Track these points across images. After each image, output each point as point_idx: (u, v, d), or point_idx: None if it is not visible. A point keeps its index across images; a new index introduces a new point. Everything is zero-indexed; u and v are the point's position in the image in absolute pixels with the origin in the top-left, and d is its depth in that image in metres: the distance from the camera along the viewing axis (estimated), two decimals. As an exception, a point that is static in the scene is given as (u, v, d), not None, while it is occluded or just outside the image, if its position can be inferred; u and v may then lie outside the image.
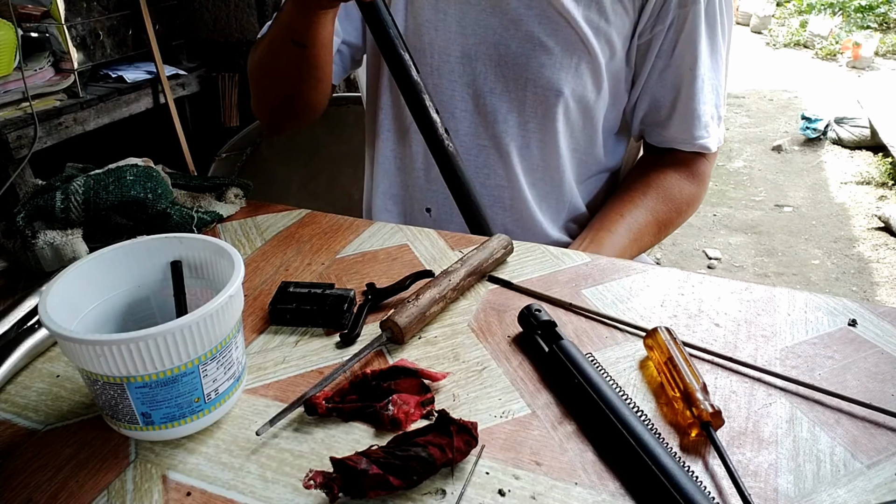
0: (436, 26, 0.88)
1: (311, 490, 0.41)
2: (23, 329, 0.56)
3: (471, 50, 0.87)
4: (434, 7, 0.87)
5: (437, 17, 0.87)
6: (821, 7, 6.73)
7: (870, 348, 0.54)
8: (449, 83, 0.90)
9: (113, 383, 0.43)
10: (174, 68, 2.17)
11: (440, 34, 0.88)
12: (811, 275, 2.65)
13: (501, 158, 0.91)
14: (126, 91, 1.98)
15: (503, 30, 0.85)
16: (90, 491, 0.43)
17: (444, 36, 0.88)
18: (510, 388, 0.51)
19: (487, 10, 0.85)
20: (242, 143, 1.38)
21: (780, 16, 6.99)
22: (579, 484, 0.43)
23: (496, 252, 0.65)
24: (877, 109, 3.84)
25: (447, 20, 0.87)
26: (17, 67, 1.69)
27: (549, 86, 0.86)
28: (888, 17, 6.40)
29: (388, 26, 0.73)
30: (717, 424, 0.45)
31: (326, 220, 0.78)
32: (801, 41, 6.25)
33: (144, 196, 0.69)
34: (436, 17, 0.87)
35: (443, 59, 0.89)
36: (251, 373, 0.53)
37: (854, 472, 0.43)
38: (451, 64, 0.89)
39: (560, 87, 0.86)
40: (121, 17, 2.01)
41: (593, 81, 0.86)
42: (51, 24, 1.79)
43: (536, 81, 0.86)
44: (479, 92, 0.89)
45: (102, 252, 0.50)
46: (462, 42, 0.87)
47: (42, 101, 1.77)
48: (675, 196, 0.93)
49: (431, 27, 0.88)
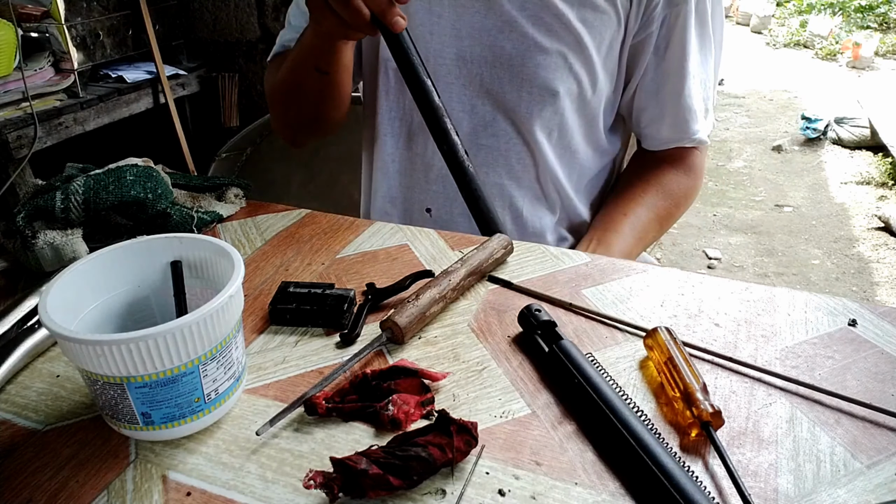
0: (430, 30, 0.88)
1: (311, 490, 0.41)
2: (23, 329, 0.56)
3: (466, 52, 0.88)
4: (428, 11, 0.87)
5: (432, 20, 0.87)
6: (821, 7, 6.73)
7: (870, 348, 0.54)
8: (445, 86, 0.90)
9: (113, 383, 0.43)
10: (174, 68, 2.17)
11: (435, 38, 0.88)
12: (811, 275, 2.65)
13: (499, 158, 0.91)
14: (126, 91, 1.98)
15: (497, 31, 0.85)
16: (90, 491, 0.43)
17: (439, 39, 0.88)
18: (510, 388, 0.51)
19: (482, 11, 0.85)
20: (242, 143, 1.38)
21: (780, 16, 6.99)
22: (579, 484, 0.43)
23: (496, 252, 0.65)
24: (877, 109, 3.85)
25: (441, 23, 0.87)
26: (17, 67, 1.69)
27: (545, 85, 0.86)
28: (888, 17, 6.40)
29: (412, 53, 0.74)
30: (717, 424, 0.45)
31: (326, 220, 0.78)
32: (801, 41, 6.25)
33: (144, 196, 0.69)
34: (430, 21, 0.88)
35: (438, 62, 0.89)
36: (251, 373, 0.53)
37: (854, 472, 0.43)
38: (447, 66, 0.89)
39: (556, 86, 0.86)
40: (121, 17, 2.01)
41: (589, 80, 0.87)
42: (51, 24, 1.79)
43: (532, 81, 0.86)
44: (476, 94, 0.89)
45: (102, 252, 0.50)
46: (457, 45, 0.88)
47: (42, 101, 1.77)
48: (674, 191, 0.95)
49: (426, 31, 0.88)
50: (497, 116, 0.90)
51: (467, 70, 0.89)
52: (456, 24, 0.87)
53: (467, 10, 0.86)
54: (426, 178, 0.96)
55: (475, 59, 0.88)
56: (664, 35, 0.86)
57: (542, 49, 0.84)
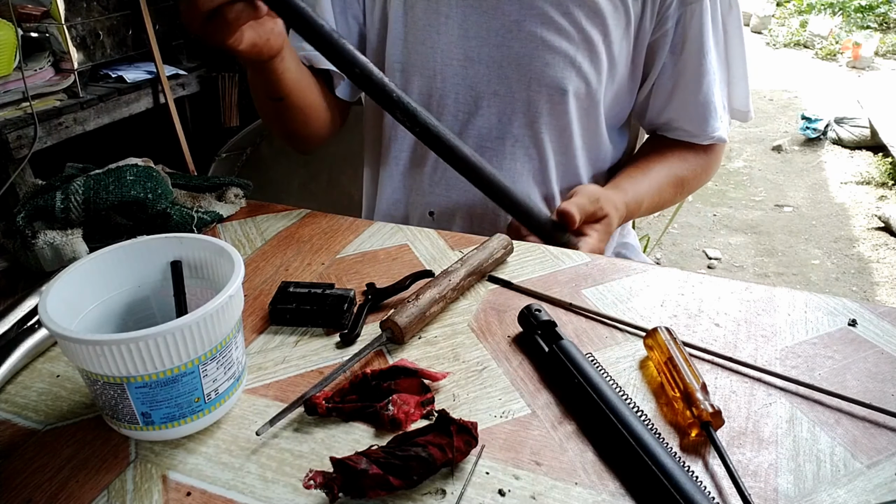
0: (437, 30, 0.88)
1: (311, 490, 0.41)
2: (23, 329, 0.56)
3: (473, 52, 0.87)
4: (436, 11, 0.87)
5: (439, 20, 0.87)
6: (821, 7, 6.73)
7: (870, 348, 0.54)
8: (452, 86, 0.90)
9: (113, 383, 0.43)
10: (174, 68, 2.17)
11: (442, 38, 0.88)
12: (811, 275, 2.65)
13: (504, 160, 0.91)
14: (126, 91, 1.98)
15: (505, 31, 0.85)
16: (90, 491, 0.43)
17: (447, 39, 0.88)
18: (510, 388, 0.51)
19: (489, 12, 0.85)
20: (242, 143, 1.38)
21: (780, 16, 6.98)
22: (579, 484, 0.43)
23: (496, 252, 0.65)
24: (877, 109, 3.84)
25: (449, 23, 0.87)
26: (17, 67, 1.69)
27: (553, 84, 0.86)
28: (888, 17, 6.40)
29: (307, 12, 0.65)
30: (717, 424, 0.45)
31: (326, 220, 0.78)
32: (801, 41, 6.24)
33: (144, 196, 0.69)
34: (437, 21, 0.87)
35: (445, 62, 0.89)
36: (251, 373, 0.53)
37: (854, 472, 0.43)
38: (454, 67, 0.89)
39: (564, 85, 0.86)
40: (121, 17, 2.01)
41: (597, 78, 0.87)
42: (51, 24, 1.79)
43: (540, 81, 0.86)
44: (483, 94, 0.89)
45: (102, 252, 0.50)
46: (464, 45, 0.87)
47: (42, 101, 1.77)
48: (692, 162, 0.95)
49: (433, 31, 0.88)
50: (504, 117, 0.89)
51: (474, 71, 0.88)
52: (463, 25, 0.87)
53: (474, 10, 0.86)
54: (430, 181, 0.96)
55: (482, 60, 0.87)
56: (680, 34, 0.86)
57: (551, 48, 0.84)
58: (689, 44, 0.86)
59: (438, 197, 0.95)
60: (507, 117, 0.89)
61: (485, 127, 0.91)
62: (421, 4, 0.88)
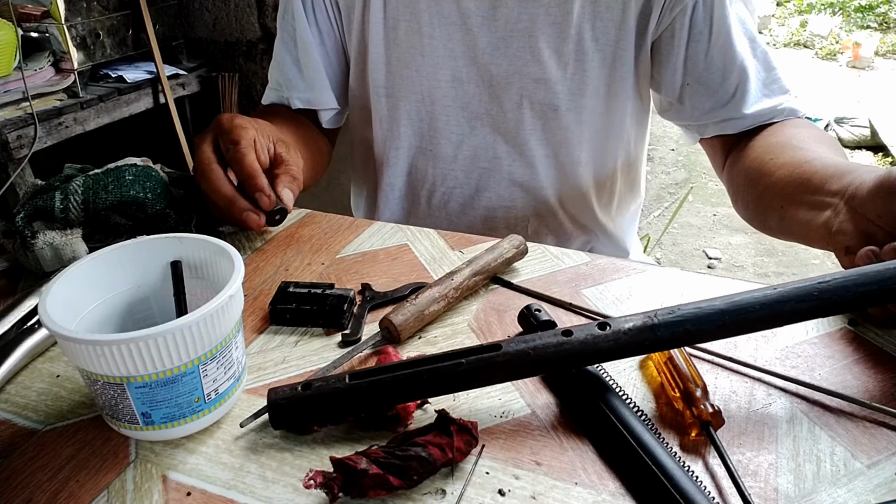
0: (421, 52, 0.85)
1: (311, 490, 0.41)
2: (23, 329, 0.56)
3: (461, 72, 0.85)
4: (418, 32, 0.84)
5: (423, 41, 0.85)
6: (821, 7, 6.73)
7: (870, 348, 0.54)
8: (442, 108, 0.87)
9: (113, 383, 0.43)
10: (174, 68, 2.17)
11: (427, 59, 0.85)
12: (811, 275, 2.64)
13: (502, 181, 0.90)
14: (126, 91, 1.99)
15: (492, 49, 0.82)
16: (90, 491, 0.43)
17: (432, 61, 0.85)
18: (510, 388, 0.51)
19: (474, 29, 0.82)
20: (242, 143, 1.38)
21: (780, 16, 6.98)
22: (579, 484, 0.43)
23: (507, 252, 0.65)
24: (877, 109, 3.84)
25: (433, 44, 0.84)
26: (17, 67, 1.70)
27: (545, 101, 0.83)
28: (888, 17, 6.40)
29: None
30: (717, 424, 0.45)
31: (326, 220, 0.78)
32: (801, 41, 6.24)
33: (144, 196, 0.69)
34: (421, 42, 0.85)
35: (433, 84, 0.86)
36: (251, 373, 0.53)
37: (854, 472, 0.43)
38: (443, 89, 0.86)
39: (556, 101, 0.83)
40: (121, 17, 2.01)
41: (592, 88, 0.84)
42: (51, 24, 1.79)
43: (532, 97, 0.83)
44: (475, 114, 0.87)
45: (102, 252, 0.50)
46: (452, 65, 0.85)
47: (42, 100, 1.77)
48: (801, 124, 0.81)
49: (417, 53, 0.85)
50: (498, 137, 0.87)
51: (463, 91, 0.86)
52: (448, 44, 0.84)
53: (459, 29, 0.83)
54: (428, 204, 0.95)
55: (471, 79, 0.85)
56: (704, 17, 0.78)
57: (540, 62, 0.81)
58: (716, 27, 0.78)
59: (437, 220, 0.94)
60: (501, 137, 0.87)
61: (480, 147, 0.89)
62: (402, 26, 0.85)
